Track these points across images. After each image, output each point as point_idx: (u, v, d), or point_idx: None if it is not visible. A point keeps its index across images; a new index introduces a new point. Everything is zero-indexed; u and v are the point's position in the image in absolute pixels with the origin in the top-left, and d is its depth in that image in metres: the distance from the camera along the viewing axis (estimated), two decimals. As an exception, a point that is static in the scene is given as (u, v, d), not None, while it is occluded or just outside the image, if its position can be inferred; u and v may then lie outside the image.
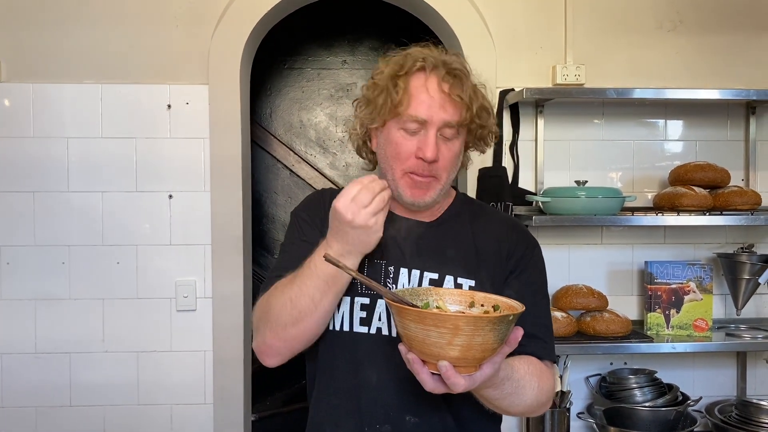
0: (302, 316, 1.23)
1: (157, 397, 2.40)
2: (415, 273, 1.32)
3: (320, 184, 3.86)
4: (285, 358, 1.30)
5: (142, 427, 2.39)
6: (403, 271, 1.32)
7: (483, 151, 1.40)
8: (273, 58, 3.82)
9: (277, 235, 3.87)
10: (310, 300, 1.22)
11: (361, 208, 1.17)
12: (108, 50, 2.36)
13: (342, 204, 1.18)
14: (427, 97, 1.25)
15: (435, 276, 1.31)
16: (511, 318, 1.01)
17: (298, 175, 3.88)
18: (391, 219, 1.35)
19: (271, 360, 1.30)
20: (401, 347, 1.07)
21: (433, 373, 1.04)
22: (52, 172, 2.35)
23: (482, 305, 1.14)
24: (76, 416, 2.37)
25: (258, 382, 2.78)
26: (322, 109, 3.93)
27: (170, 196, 2.39)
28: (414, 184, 1.29)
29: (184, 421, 2.40)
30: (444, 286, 1.29)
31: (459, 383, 1.02)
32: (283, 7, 2.48)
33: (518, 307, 1.07)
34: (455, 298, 1.16)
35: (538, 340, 1.31)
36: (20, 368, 2.36)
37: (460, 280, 1.31)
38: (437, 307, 1.14)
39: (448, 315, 1.00)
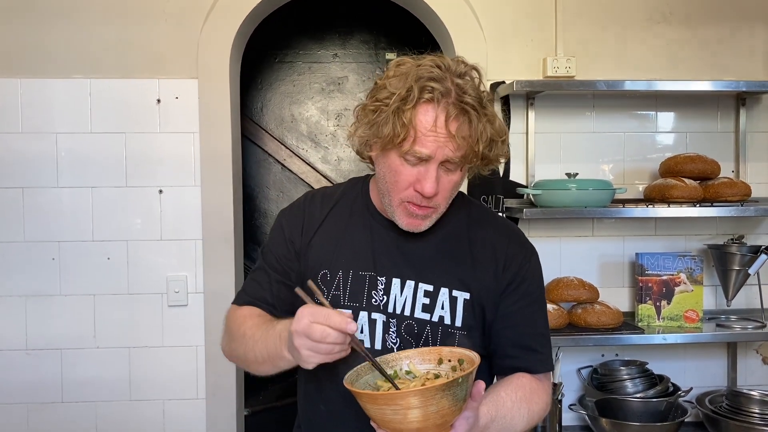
0: (247, 361, 1.30)
1: (149, 392, 2.39)
2: (410, 284, 1.29)
3: (312, 178, 3.85)
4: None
5: (134, 422, 2.39)
6: (396, 281, 1.29)
7: (492, 171, 1.35)
8: (263, 52, 3.80)
9: (268, 230, 3.86)
10: (254, 357, 1.26)
11: (306, 346, 1.08)
12: (96, 45, 2.35)
13: (296, 328, 1.08)
14: (432, 135, 1.18)
15: (430, 288, 1.29)
16: (460, 380, 1.00)
17: (290, 170, 3.87)
18: (382, 224, 1.33)
19: (230, 362, 1.40)
20: (373, 424, 1.07)
21: None
22: (41, 168, 2.34)
23: (449, 360, 1.15)
24: (67, 412, 2.36)
25: (251, 376, 2.77)
26: (314, 103, 3.92)
27: (160, 191, 2.38)
28: (411, 214, 1.25)
29: (176, 417, 2.40)
30: (438, 297, 1.29)
31: None
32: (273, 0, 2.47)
33: (476, 359, 1.09)
34: (425, 357, 1.17)
35: (533, 352, 1.31)
36: (11, 365, 2.35)
37: (455, 293, 1.29)
38: (408, 372, 1.16)
39: (396, 393, 1.02)
